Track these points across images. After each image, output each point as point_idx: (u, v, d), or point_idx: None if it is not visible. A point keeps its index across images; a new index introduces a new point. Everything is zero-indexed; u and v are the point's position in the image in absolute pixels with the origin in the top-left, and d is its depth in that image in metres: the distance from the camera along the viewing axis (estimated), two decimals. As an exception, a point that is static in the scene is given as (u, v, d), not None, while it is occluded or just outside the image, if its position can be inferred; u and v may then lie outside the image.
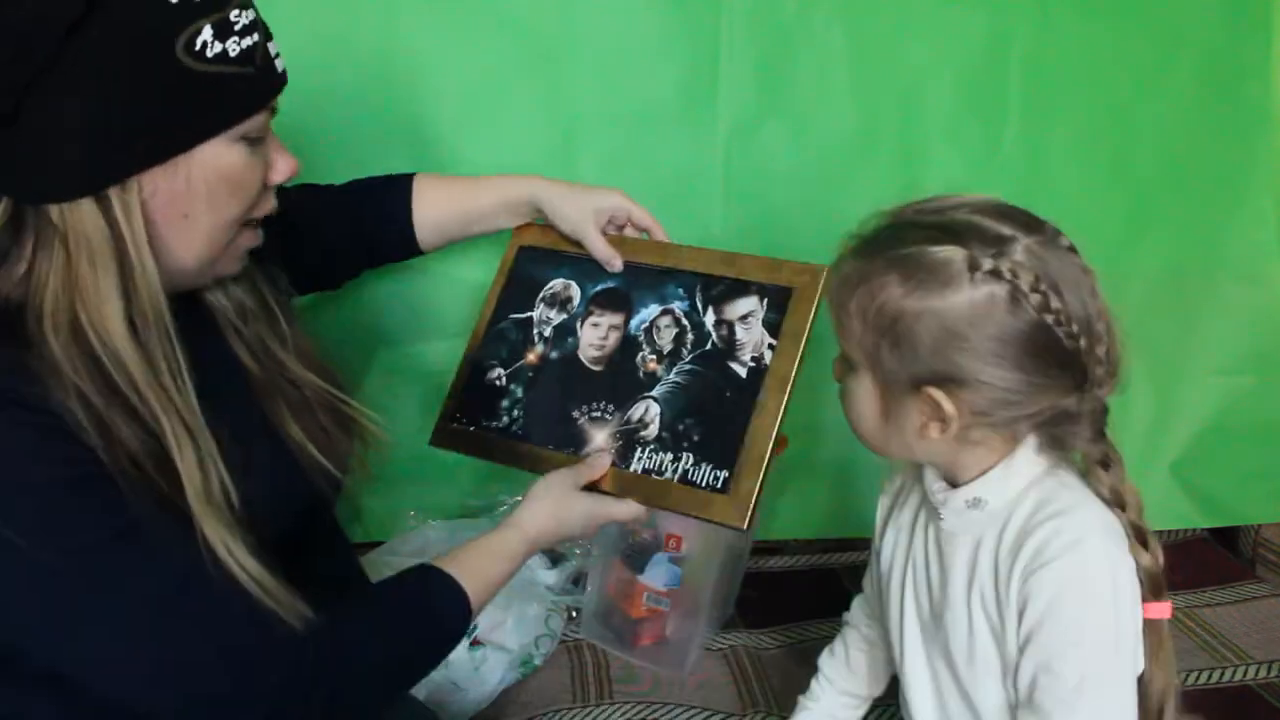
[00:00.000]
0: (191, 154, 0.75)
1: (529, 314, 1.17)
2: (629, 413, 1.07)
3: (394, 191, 1.17)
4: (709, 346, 1.06)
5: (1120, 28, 1.47)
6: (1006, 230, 0.75)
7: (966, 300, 0.73)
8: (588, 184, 1.16)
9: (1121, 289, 0.81)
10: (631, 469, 1.04)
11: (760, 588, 1.50)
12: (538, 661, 1.31)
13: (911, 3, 1.42)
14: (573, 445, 1.08)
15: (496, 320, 1.18)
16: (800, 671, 1.26)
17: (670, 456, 1.02)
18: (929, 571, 0.88)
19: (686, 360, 1.07)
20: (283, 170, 0.84)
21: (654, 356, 1.08)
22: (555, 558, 1.45)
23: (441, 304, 1.41)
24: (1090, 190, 1.49)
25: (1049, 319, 0.73)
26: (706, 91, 1.41)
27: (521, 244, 1.20)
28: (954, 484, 0.84)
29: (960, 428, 0.77)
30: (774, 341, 1.03)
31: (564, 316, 1.15)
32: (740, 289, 1.07)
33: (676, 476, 1.01)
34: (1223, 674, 1.33)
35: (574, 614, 1.39)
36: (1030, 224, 0.77)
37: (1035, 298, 0.73)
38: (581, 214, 1.12)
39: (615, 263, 1.13)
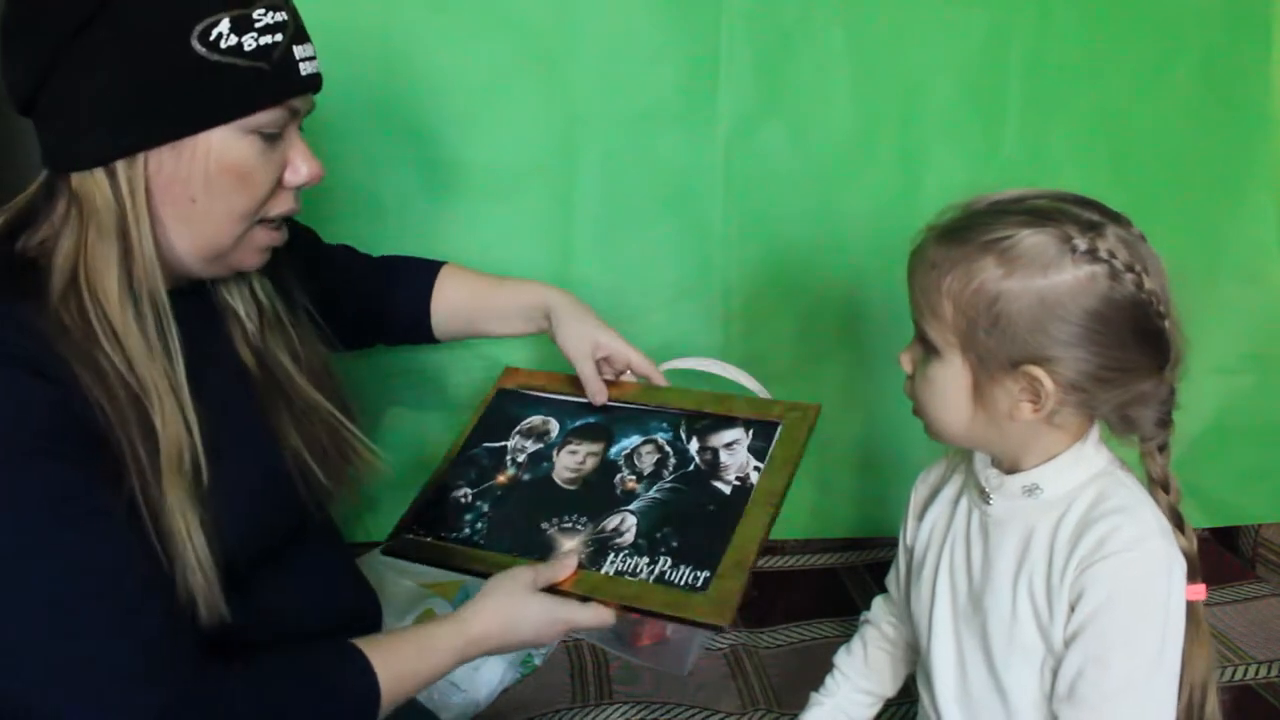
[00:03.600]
0: (198, 139, 0.77)
1: (503, 443, 1.15)
2: (603, 523, 1.02)
3: (421, 275, 1.18)
4: (691, 468, 1.05)
5: (1120, 28, 1.47)
6: (1095, 216, 0.79)
7: (1070, 279, 0.76)
8: (600, 319, 1.13)
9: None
10: (602, 571, 0.98)
11: (760, 588, 1.50)
12: (537, 661, 1.31)
13: (911, 3, 1.42)
14: (538, 552, 1.02)
15: (468, 447, 1.16)
16: (800, 671, 1.26)
17: (646, 560, 0.98)
18: (970, 554, 0.89)
19: (668, 480, 1.05)
20: (303, 173, 0.84)
21: (633, 477, 1.06)
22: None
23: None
24: (1090, 190, 1.47)
25: (1144, 297, 0.77)
26: (706, 91, 1.41)
27: (503, 387, 1.21)
28: (1006, 471, 0.86)
29: (1052, 407, 0.79)
30: (760, 465, 1.01)
31: (540, 446, 1.13)
32: (726, 422, 1.07)
33: (652, 578, 0.96)
34: (1223, 674, 1.33)
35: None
36: (1111, 212, 0.81)
37: (1130, 277, 0.76)
38: (582, 339, 1.11)
39: (600, 396, 1.12)
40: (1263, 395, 1.59)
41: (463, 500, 1.11)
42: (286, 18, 0.80)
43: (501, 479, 1.11)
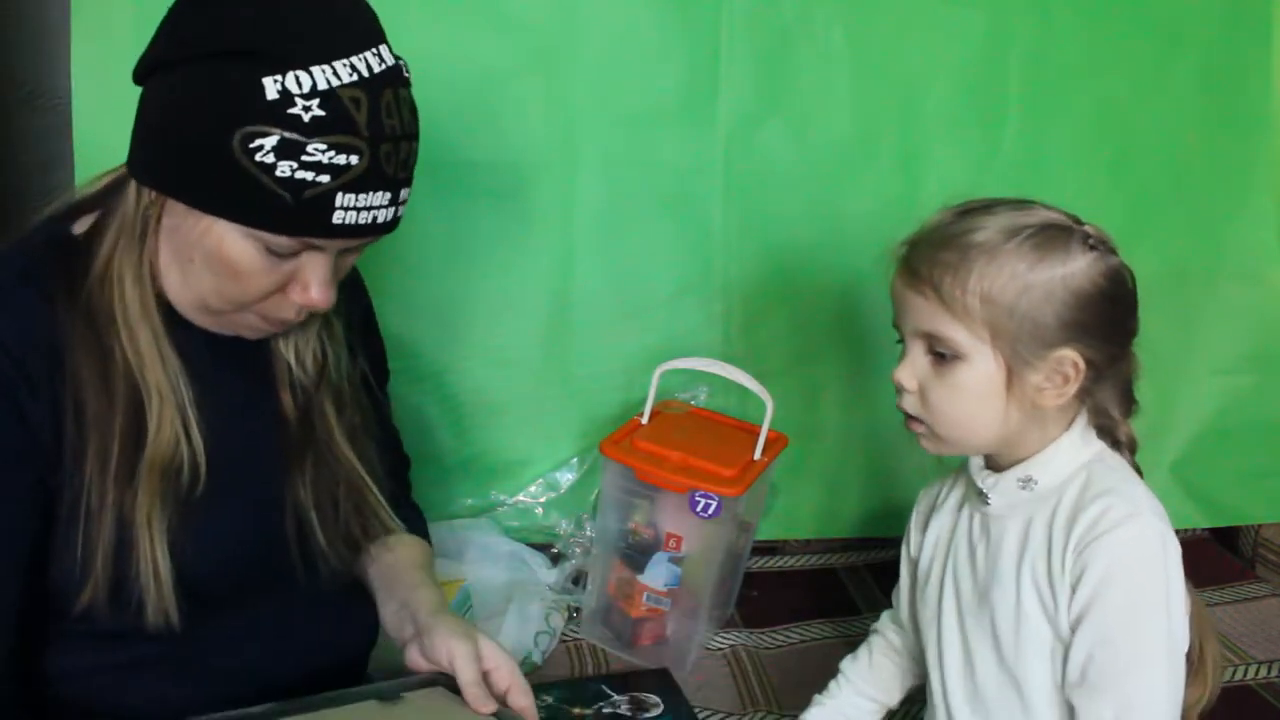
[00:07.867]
0: (205, 217, 0.76)
1: None
2: None
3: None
4: None
5: (1120, 28, 1.47)
6: (1060, 210, 0.85)
7: (1084, 263, 0.80)
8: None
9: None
10: None
11: (760, 588, 1.50)
12: (537, 659, 1.30)
13: (911, 3, 1.43)
14: None
15: None
16: (800, 671, 1.26)
17: None
18: (974, 554, 0.91)
19: None
20: (310, 297, 0.80)
21: None
22: (555, 557, 1.45)
23: (459, 312, 1.42)
24: (1090, 190, 1.49)
25: (1126, 272, 0.83)
26: (706, 91, 1.41)
27: None
28: (998, 469, 0.88)
29: (1073, 391, 0.82)
30: None
31: None
32: None
33: None
34: (1222, 673, 1.32)
35: (575, 613, 1.39)
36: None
37: (1114, 257, 0.83)
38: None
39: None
40: (1263, 395, 1.59)
41: None
42: (355, 162, 0.73)
43: None
